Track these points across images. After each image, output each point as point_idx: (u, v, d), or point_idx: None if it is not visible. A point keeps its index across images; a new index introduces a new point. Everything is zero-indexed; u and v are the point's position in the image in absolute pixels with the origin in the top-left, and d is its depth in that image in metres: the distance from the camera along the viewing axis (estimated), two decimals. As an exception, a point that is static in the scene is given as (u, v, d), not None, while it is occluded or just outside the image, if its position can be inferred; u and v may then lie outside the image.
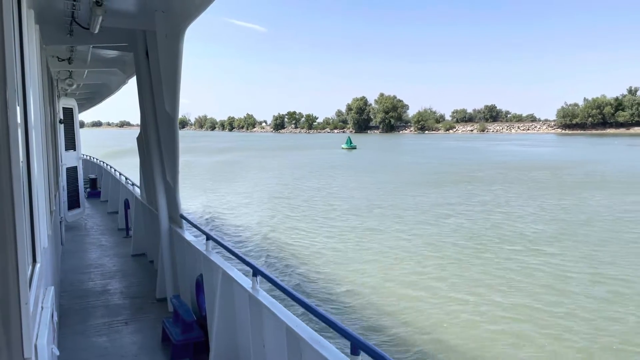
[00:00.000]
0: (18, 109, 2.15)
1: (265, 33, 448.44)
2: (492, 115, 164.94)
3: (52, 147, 7.88)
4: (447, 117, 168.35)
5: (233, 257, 4.69)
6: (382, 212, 20.52)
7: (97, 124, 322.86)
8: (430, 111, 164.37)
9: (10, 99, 1.83)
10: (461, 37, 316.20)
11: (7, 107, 1.79)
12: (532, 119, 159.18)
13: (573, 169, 37.42)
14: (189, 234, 6.33)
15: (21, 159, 2.23)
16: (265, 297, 3.91)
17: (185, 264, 6.28)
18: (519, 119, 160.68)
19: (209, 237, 5.34)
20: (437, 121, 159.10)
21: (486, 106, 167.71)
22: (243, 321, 4.36)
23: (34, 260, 2.93)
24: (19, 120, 2.11)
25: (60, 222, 9.57)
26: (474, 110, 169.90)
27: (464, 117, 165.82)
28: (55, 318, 3.76)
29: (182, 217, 6.52)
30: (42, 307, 2.97)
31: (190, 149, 69.46)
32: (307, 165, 46.06)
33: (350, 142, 79.36)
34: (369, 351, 2.49)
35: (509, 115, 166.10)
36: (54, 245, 5.83)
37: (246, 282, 4.30)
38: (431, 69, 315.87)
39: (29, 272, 2.45)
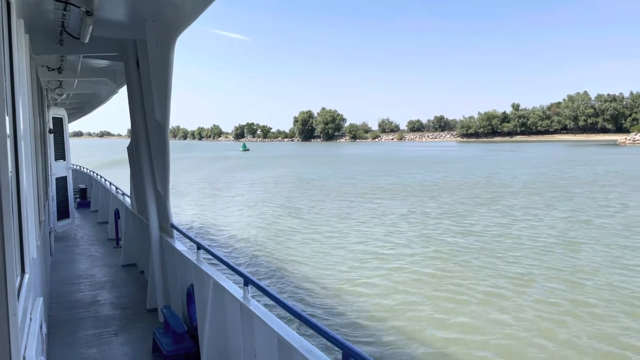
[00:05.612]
0: (7, 118, 2.14)
1: (249, 42, 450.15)
2: (441, 125, 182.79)
3: (42, 157, 7.83)
4: (403, 127, 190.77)
5: (224, 267, 4.67)
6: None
7: (78, 134, 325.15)
8: (388, 121, 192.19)
9: None
10: (431, 47, 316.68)
11: None
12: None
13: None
14: (180, 244, 6.30)
15: (10, 169, 2.22)
16: (256, 306, 3.89)
17: (176, 274, 6.25)
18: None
19: (199, 247, 5.32)
20: (366, 131, 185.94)
21: (435, 117, 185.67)
22: (234, 331, 4.34)
23: (23, 271, 2.91)
24: (7, 130, 2.10)
25: (50, 232, 9.49)
26: (428, 120, 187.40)
27: (413, 127, 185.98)
28: (44, 329, 3.73)
29: (173, 226, 6.50)
30: (30, 319, 2.93)
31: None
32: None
33: (245, 147, 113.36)
34: None
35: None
36: (43, 256, 5.77)
37: (237, 291, 4.28)
38: (409, 80, 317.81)
39: (17, 283, 2.42)
